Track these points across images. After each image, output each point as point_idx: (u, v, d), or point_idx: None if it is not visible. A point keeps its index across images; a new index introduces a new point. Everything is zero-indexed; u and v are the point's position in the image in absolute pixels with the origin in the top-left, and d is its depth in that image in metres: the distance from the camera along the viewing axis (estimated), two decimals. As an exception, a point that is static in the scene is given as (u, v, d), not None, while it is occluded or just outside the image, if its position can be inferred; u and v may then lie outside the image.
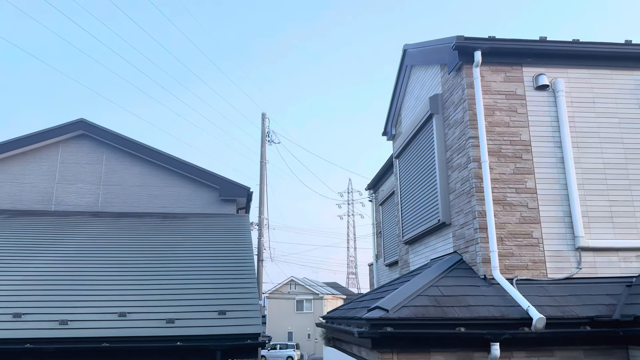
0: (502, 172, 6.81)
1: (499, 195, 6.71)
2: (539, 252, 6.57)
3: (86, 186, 11.27)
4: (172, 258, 8.57)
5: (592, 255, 6.65)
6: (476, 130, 6.86)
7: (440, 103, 8.00)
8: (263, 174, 20.00)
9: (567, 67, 7.32)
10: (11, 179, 11.10)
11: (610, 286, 6.37)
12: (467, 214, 6.89)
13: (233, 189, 11.61)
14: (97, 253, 8.65)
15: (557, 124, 7.06)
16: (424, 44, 8.67)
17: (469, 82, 7.04)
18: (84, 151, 11.51)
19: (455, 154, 7.38)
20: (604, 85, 7.33)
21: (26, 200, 11.00)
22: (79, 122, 11.44)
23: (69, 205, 11.09)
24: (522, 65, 7.25)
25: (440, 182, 7.72)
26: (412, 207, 9.26)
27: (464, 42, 6.95)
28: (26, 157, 11.28)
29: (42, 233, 9.55)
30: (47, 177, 11.21)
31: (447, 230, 7.73)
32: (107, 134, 11.46)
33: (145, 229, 10.14)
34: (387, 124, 11.21)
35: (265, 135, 20.77)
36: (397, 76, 10.32)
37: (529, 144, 6.95)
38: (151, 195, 11.46)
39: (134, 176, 11.52)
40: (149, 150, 11.51)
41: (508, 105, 7.07)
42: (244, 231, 10.28)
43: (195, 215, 11.28)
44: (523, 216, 6.68)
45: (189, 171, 11.53)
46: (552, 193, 6.82)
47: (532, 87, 7.19)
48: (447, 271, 6.65)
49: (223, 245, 9.36)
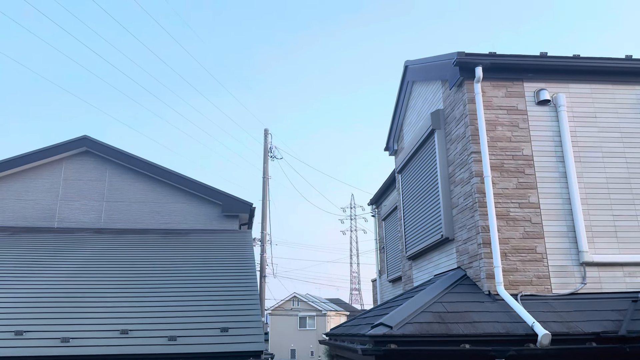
0: (505, 187, 6.81)
1: (502, 210, 6.69)
2: (543, 268, 6.54)
3: (89, 203, 11.29)
4: (174, 274, 8.54)
5: (596, 270, 6.60)
6: (478, 145, 6.87)
7: (442, 118, 8.03)
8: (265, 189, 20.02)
9: (568, 82, 7.35)
10: (14, 195, 11.13)
11: (616, 302, 6.32)
12: (471, 229, 6.87)
13: (235, 205, 11.61)
14: (100, 270, 8.62)
15: (559, 139, 7.08)
16: (425, 60, 8.73)
17: (471, 97, 7.07)
18: (87, 168, 11.55)
19: (458, 169, 7.38)
20: (606, 100, 7.36)
21: (29, 217, 11.01)
22: (83, 139, 11.49)
23: (72, 222, 11.09)
24: (523, 81, 7.29)
25: (443, 197, 7.71)
26: (415, 222, 9.24)
27: (465, 58, 7.00)
28: (29, 174, 11.32)
29: (45, 250, 9.54)
30: (50, 194, 11.24)
31: (450, 246, 7.70)
32: (111, 151, 11.51)
33: (148, 245, 10.12)
34: (389, 139, 11.24)
35: (267, 151, 20.82)
36: (399, 92, 10.38)
37: (531, 159, 6.96)
38: (154, 212, 11.46)
39: (137, 192, 11.53)
40: (151, 167, 11.54)
41: (510, 120, 7.09)
42: (247, 247, 10.25)
43: (197, 231, 11.27)
44: (527, 231, 6.66)
45: (192, 187, 11.55)
46: (555, 208, 6.80)
47: (534, 102, 7.22)
48: (451, 287, 6.60)
49: (225, 261, 9.33)
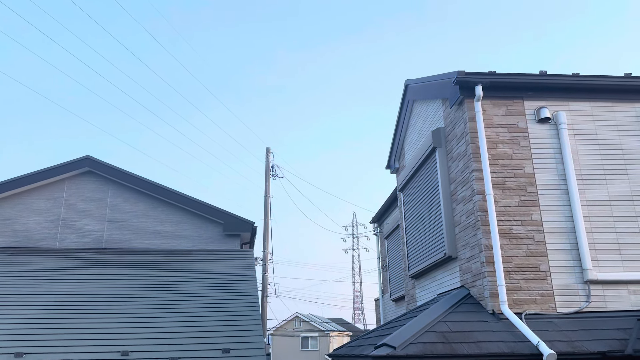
0: (507, 204, 6.80)
1: (505, 228, 6.67)
2: (547, 286, 6.49)
3: (91, 223, 11.28)
4: (175, 295, 8.49)
5: (601, 289, 6.55)
6: (479, 163, 6.88)
7: (443, 136, 8.06)
8: (267, 208, 19.98)
9: (568, 100, 7.39)
10: (16, 216, 11.14)
11: (621, 320, 6.26)
12: (473, 247, 6.84)
13: (237, 224, 11.59)
14: (101, 290, 8.58)
15: (560, 157, 7.09)
16: (425, 79, 8.80)
17: (471, 115, 7.10)
18: (89, 188, 11.57)
19: (460, 187, 7.38)
20: (606, 118, 7.39)
21: (31, 238, 11.00)
22: (85, 159, 11.53)
23: (74, 242, 11.07)
24: (523, 99, 7.33)
25: (445, 215, 7.70)
26: (417, 240, 9.21)
27: (465, 77, 7.06)
28: (32, 195, 11.33)
29: (46, 270, 9.50)
30: (52, 214, 11.24)
31: (453, 264, 7.66)
32: (113, 171, 11.54)
33: (149, 265, 10.08)
34: (391, 157, 11.27)
35: (269, 170, 20.85)
36: (400, 110, 10.44)
37: (533, 177, 6.96)
38: (155, 231, 11.44)
39: (139, 212, 11.53)
40: (153, 186, 11.55)
41: (510, 138, 7.11)
42: (248, 266, 10.20)
43: (199, 250, 11.23)
44: (530, 249, 6.63)
45: (193, 206, 11.54)
46: (558, 225, 6.78)
47: (534, 120, 7.25)
48: (455, 306, 6.55)
49: (227, 281, 9.28)
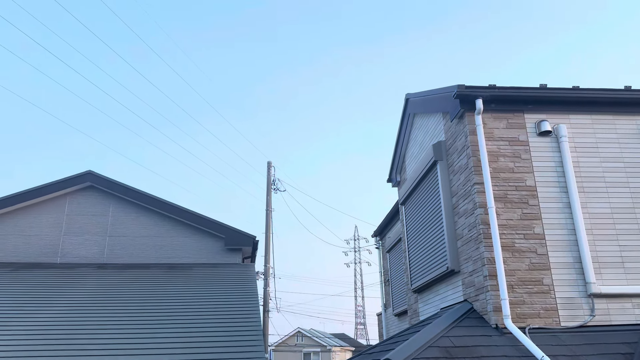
0: (509, 217, 6.78)
1: (507, 242, 6.65)
2: (550, 300, 6.44)
3: (92, 238, 11.26)
4: (176, 310, 8.44)
5: (605, 302, 6.50)
6: (481, 176, 6.88)
7: (444, 150, 8.06)
8: (269, 222, 19.95)
9: (569, 113, 7.41)
10: (18, 231, 11.12)
11: (626, 334, 6.20)
12: (476, 261, 6.81)
13: (239, 238, 11.56)
14: (102, 306, 8.54)
15: (561, 170, 7.08)
16: (426, 93, 8.83)
17: (472, 129, 7.12)
18: (91, 203, 11.57)
19: (461, 200, 7.37)
20: (607, 130, 7.39)
21: (32, 253, 10.97)
22: (87, 174, 11.55)
23: (75, 257, 11.04)
24: (523, 112, 7.35)
25: (447, 229, 7.67)
26: (419, 254, 9.17)
27: (465, 91, 7.08)
28: (33, 210, 11.33)
29: (47, 286, 9.47)
30: (54, 229, 11.22)
31: (456, 278, 7.61)
32: (115, 186, 11.54)
33: (151, 280, 10.04)
34: (392, 170, 11.27)
35: (270, 184, 20.85)
36: (400, 124, 10.46)
37: (534, 190, 6.95)
38: (157, 246, 11.41)
39: (140, 227, 11.51)
40: (155, 201, 11.55)
41: (512, 152, 7.12)
42: (250, 281, 10.15)
43: (200, 265, 11.19)
44: (532, 262, 6.59)
45: (195, 221, 11.53)
46: (560, 239, 6.75)
47: (535, 133, 7.26)
48: (458, 321, 6.50)
49: (228, 296, 9.24)
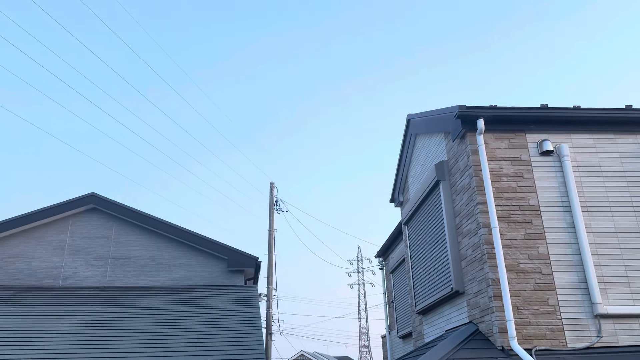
0: (513, 237, 6.74)
1: (512, 262, 6.60)
2: (556, 321, 6.36)
3: (94, 260, 11.23)
4: (178, 332, 8.36)
5: (611, 323, 6.42)
6: (484, 196, 6.86)
7: (447, 170, 8.07)
8: (271, 243, 19.85)
9: (570, 133, 7.42)
10: (20, 254, 11.10)
11: (634, 355, 6.11)
12: (481, 282, 6.75)
13: (241, 259, 11.50)
14: (104, 329, 8.47)
15: (564, 189, 7.07)
16: (427, 114, 8.88)
17: (474, 149, 7.13)
18: (94, 225, 11.56)
19: (465, 220, 7.34)
20: (609, 150, 7.40)
21: (34, 276, 10.93)
22: (90, 196, 11.57)
23: (77, 280, 10.99)
24: (525, 132, 7.36)
25: (451, 249, 7.63)
26: (423, 275, 9.10)
27: (466, 111, 7.12)
28: (36, 232, 11.33)
29: (49, 309, 9.41)
30: (56, 252, 11.20)
31: (461, 299, 7.54)
32: (118, 208, 11.55)
33: (153, 303, 9.97)
34: (395, 190, 11.27)
35: (273, 204, 20.80)
36: (402, 144, 10.49)
37: (538, 209, 6.92)
38: (159, 268, 11.37)
39: (142, 249, 11.49)
40: (157, 222, 11.54)
41: (514, 171, 7.12)
42: (252, 303, 10.07)
43: (202, 287, 11.12)
44: (537, 283, 6.53)
45: (197, 242, 11.49)
46: (565, 259, 6.70)
47: (537, 152, 7.27)
48: (463, 343, 6.42)
49: (231, 318, 9.15)
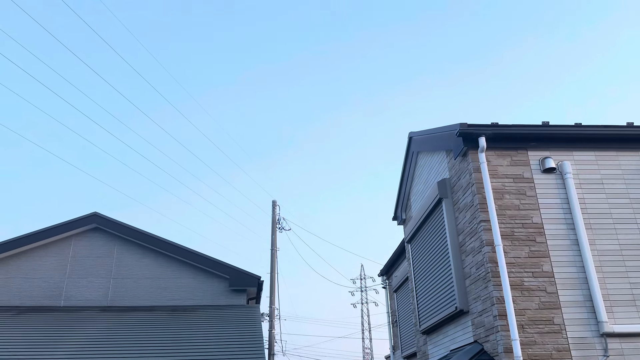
0: (517, 255, 6.70)
1: (516, 280, 6.55)
2: (562, 340, 6.29)
3: (96, 280, 11.17)
4: (180, 354, 8.28)
5: (618, 342, 6.34)
6: (487, 213, 6.84)
7: (449, 187, 8.06)
8: (274, 261, 19.77)
9: (572, 150, 7.43)
10: (22, 274, 11.06)
11: (643, 375, 6.01)
12: (485, 301, 6.69)
13: (243, 279, 11.42)
14: (105, 350, 8.39)
15: (567, 206, 7.05)
16: (429, 132, 8.90)
17: (476, 166, 7.13)
18: (96, 244, 11.53)
19: (468, 238, 7.31)
20: (611, 167, 7.39)
21: (36, 296, 10.87)
22: (92, 215, 11.55)
23: (79, 300, 10.93)
24: (527, 149, 7.37)
25: (455, 267, 7.58)
26: (427, 293, 9.03)
27: (468, 129, 7.14)
28: (39, 252, 11.29)
29: (50, 330, 9.34)
30: (58, 272, 11.15)
31: (465, 318, 7.47)
32: (119, 227, 11.52)
33: (154, 323, 9.90)
34: (397, 208, 11.24)
35: (275, 223, 20.76)
36: (404, 162, 10.50)
37: (541, 227, 6.90)
38: (161, 288, 11.30)
39: (144, 268, 11.43)
40: (159, 241, 11.49)
41: (517, 189, 7.10)
42: (255, 323, 9.98)
43: (204, 307, 11.04)
44: (542, 301, 6.48)
45: (199, 261, 11.43)
46: (569, 277, 6.65)
47: (539, 170, 7.26)
48: (468, 362, 6.34)
49: (233, 339, 9.07)
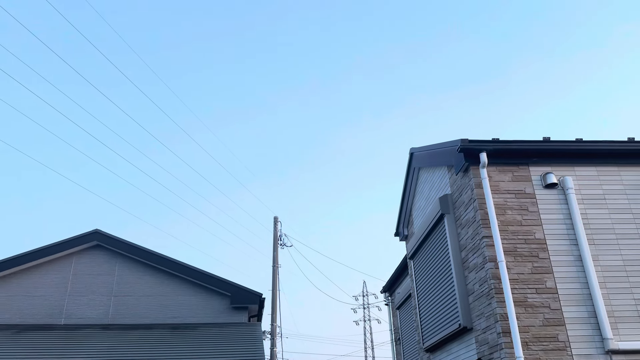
0: (520, 271, 6.66)
1: (520, 297, 6.50)
2: (567, 357, 6.22)
3: (97, 298, 11.12)
4: (181, 372, 8.20)
5: (624, 359, 6.26)
6: (489, 229, 6.82)
7: (451, 203, 8.05)
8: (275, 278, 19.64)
9: (574, 165, 7.42)
10: (23, 292, 11.00)
11: (650, 393, 5.93)
12: (489, 317, 6.63)
13: (245, 296, 11.35)
14: (105, 369, 8.31)
15: (570, 222, 7.02)
16: (430, 147, 8.92)
17: (477, 182, 7.13)
18: (97, 262, 11.48)
19: (471, 254, 7.27)
20: (613, 182, 7.38)
21: (37, 314, 10.81)
22: (94, 233, 11.53)
23: (80, 318, 10.85)
24: (528, 165, 7.37)
25: (458, 284, 7.53)
26: (430, 310, 8.95)
27: (469, 145, 7.15)
28: (40, 270, 11.25)
29: (50, 349, 9.26)
30: (59, 290, 11.09)
31: (469, 336, 7.39)
32: (121, 244, 11.49)
33: (155, 341, 9.81)
34: (399, 224, 11.21)
35: (277, 239, 20.67)
36: (406, 178, 10.50)
37: (544, 242, 6.86)
38: (162, 305, 11.23)
39: (145, 286, 11.37)
40: (160, 259, 11.44)
41: (519, 204, 7.09)
42: (256, 341, 9.89)
43: (206, 325, 10.95)
44: (546, 318, 6.42)
45: (200, 279, 11.38)
46: (573, 293, 6.60)
47: (541, 185, 7.25)
48: (472, 381, 6.26)
49: (234, 357, 8.98)
